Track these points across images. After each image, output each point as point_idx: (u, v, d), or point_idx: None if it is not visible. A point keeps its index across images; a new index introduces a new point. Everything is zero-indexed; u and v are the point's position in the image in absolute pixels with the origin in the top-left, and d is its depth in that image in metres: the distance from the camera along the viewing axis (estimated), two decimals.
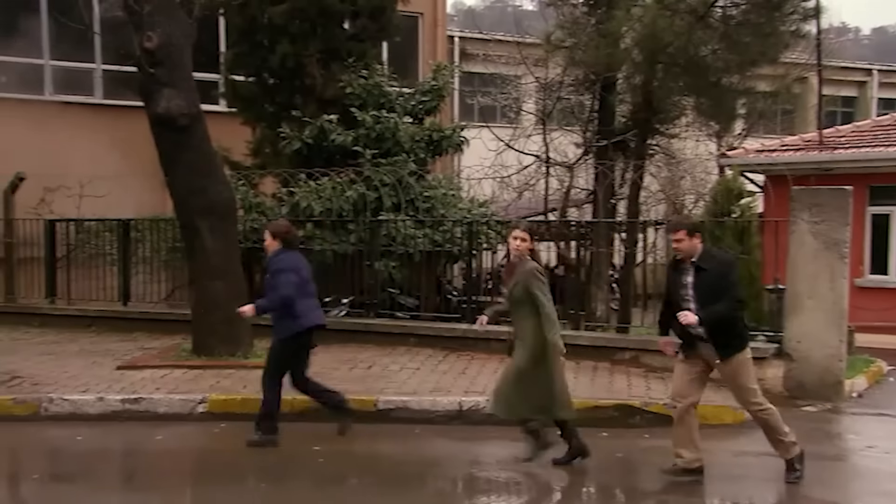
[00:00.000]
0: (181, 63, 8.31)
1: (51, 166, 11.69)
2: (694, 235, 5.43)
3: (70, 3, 13.04)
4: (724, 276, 5.36)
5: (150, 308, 11.16)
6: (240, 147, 12.01)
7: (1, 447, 6.78)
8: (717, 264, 5.43)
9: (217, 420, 7.16)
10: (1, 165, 10.12)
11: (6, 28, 12.51)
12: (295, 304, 6.32)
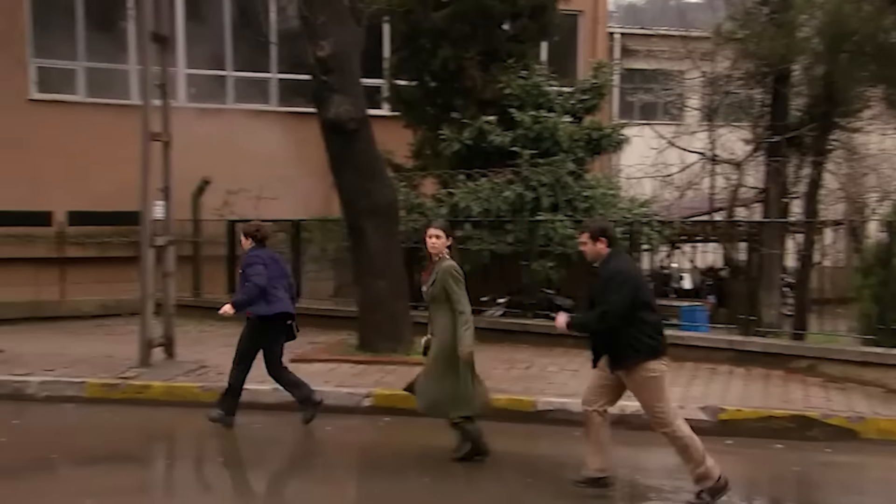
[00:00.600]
0: (350, 70, 8.69)
1: (232, 171, 12.57)
2: (598, 240, 5.25)
3: (250, 18, 14.02)
4: (606, 285, 5.11)
5: (319, 304, 11.72)
6: (402, 149, 12.38)
7: (190, 431, 7.37)
8: (607, 272, 5.18)
9: (381, 414, 7.42)
10: (189, 171, 10.96)
11: (196, 44, 13.58)
12: (268, 292, 6.75)
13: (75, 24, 13.34)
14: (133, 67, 13.55)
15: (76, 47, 13.42)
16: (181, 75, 13.34)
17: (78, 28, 13.36)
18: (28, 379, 8.13)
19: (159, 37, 8.53)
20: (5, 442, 6.74)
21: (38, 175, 13.02)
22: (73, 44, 13.40)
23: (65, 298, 12.63)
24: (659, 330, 5.21)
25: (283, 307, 6.90)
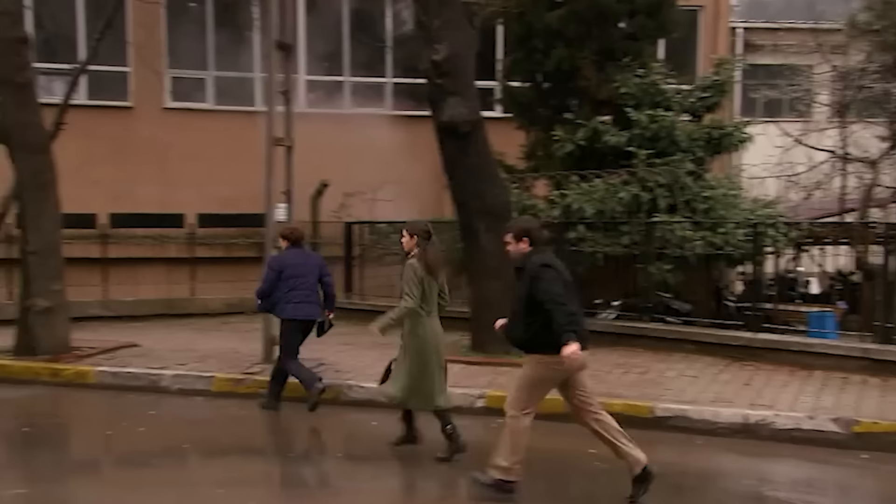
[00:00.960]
0: (465, 73, 8.76)
1: (349, 173, 12.91)
2: (521, 240, 5.34)
3: (366, 24, 14.38)
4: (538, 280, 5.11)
5: None
6: (514, 151, 12.36)
7: (311, 425, 7.61)
8: (533, 267, 5.19)
9: (494, 416, 7.40)
10: (309, 174, 11.33)
11: (316, 50, 14.06)
12: (270, 295, 7.53)
13: (206, 35, 14.06)
14: (257, 75, 14.18)
15: (206, 57, 14.14)
16: (301, 81, 13.80)
17: (208, 39, 14.08)
18: (162, 372, 8.63)
19: (283, 45, 8.87)
20: (143, 431, 7.17)
21: (171, 179, 13.82)
22: (203, 54, 14.13)
23: (194, 296, 13.32)
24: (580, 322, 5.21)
25: (291, 313, 7.50)
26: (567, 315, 4.99)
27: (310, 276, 7.60)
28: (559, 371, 5.17)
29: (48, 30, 13.11)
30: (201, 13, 14.05)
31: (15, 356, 9.19)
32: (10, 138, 9.09)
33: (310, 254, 8.02)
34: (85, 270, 12.51)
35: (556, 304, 5.03)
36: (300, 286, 7.49)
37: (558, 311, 5.01)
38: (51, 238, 9.33)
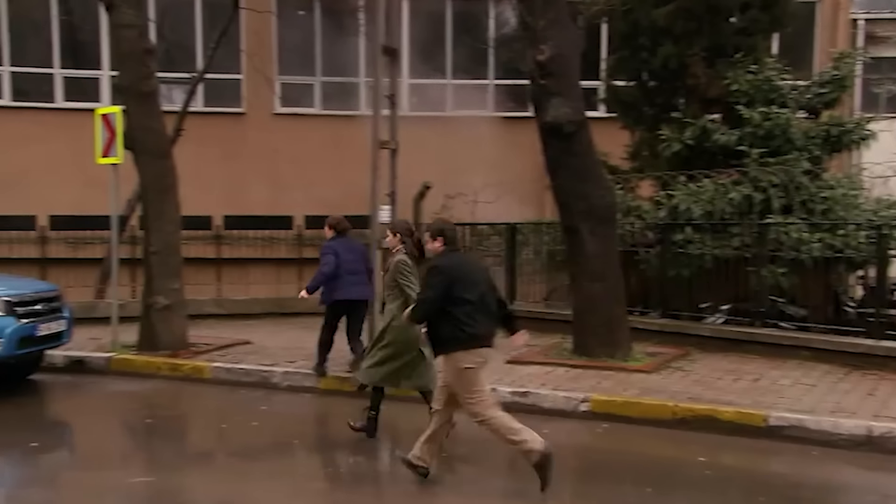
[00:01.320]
0: (569, 73, 8.66)
1: (450, 175, 13.01)
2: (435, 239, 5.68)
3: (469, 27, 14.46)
4: (426, 278, 5.57)
5: (532, 307, 11.79)
6: (618, 151, 12.15)
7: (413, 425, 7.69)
8: (429, 266, 5.58)
9: (599, 420, 7.32)
10: (412, 175, 11.48)
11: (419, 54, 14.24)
12: (336, 279, 8.13)
13: (314, 41, 14.49)
14: (362, 80, 14.49)
15: (314, 63, 14.56)
16: (405, 85, 14.01)
17: (316, 45, 14.50)
18: (273, 369, 8.92)
19: (389, 50, 9.01)
20: (256, 426, 7.44)
21: (280, 182, 14.31)
22: (311, 60, 14.56)
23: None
24: (473, 324, 5.39)
25: (344, 295, 8.28)
26: (417, 311, 5.55)
27: (357, 262, 8.37)
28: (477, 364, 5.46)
29: (168, 40, 13.80)
30: (309, 20, 14.47)
31: (138, 351, 9.71)
32: (135, 144, 9.62)
33: (356, 242, 8.70)
34: (201, 270, 13.12)
35: (418, 300, 5.61)
36: (350, 271, 8.27)
37: (416, 306, 5.59)
38: (171, 239, 9.82)
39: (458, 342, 5.42)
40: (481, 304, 5.48)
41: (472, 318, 5.40)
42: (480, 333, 5.45)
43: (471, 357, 5.43)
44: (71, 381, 9.18)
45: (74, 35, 14.50)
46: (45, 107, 13.97)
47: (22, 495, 5.66)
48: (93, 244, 13.42)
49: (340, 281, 8.22)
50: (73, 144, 13.29)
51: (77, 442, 7.53)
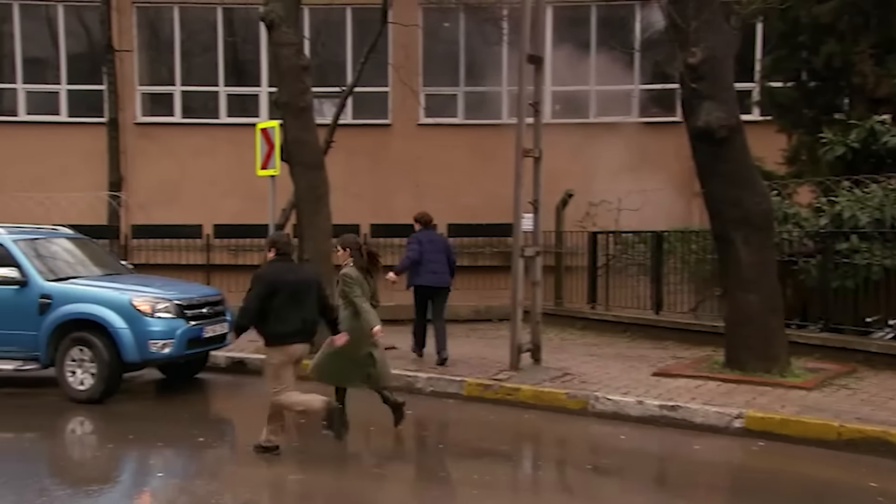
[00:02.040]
0: (722, 75, 8.33)
1: (593, 183, 12.82)
2: (270, 250, 6.60)
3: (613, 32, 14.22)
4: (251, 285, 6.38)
5: (679, 318, 11.40)
6: (773, 156, 11.57)
7: (557, 435, 7.64)
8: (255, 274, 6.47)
9: (754, 437, 6.96)
10: (553, 184, 11.43)
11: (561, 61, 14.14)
12: (418, 265, 9.29)
13: (458, 52, 14.72)
14: (505, 89, 14.57)
15: (457, 74, 14.79)
16: (548, 92, 13.95)
17: (460, 56, 14.73)
18: (418, 375, 9.10)
19: (534, 58, 9.01)
20: (401, 430, 7.60)
21: (424, 191, 14.61)
22: (454, 71, 14.80)
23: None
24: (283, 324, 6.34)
25: (424, 280, 9.43)
26: (240, 316, 6.38)
27: (439, 252, 9.46)
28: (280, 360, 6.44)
29: (321, 57, 14.45)
30: (454, 32, 14.72)
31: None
32: (291, 156, 10.13)
33: (438, 235, 9.84)
34: None
35: (242, 306, 6.38)
36: (430, 259, 9.39)
37: (240, 311, 6.39)
38: (323, 247, 10.25)
39: (271, 340, 6.41)
40: (297, 308, 6.42)
41: (286, 321, 6.36)
42: (290, 333, 6.41)
43: (278, 354, 6.44)
44: (232, 381, 9.75)
45: (237, 55, 15.48)
46: (211, 123, 14.98)
47: (190, 486, 6.06)
48: (251, 251, 14.24)
49: (422, 268, 9.39)
50: (235, 157, 14.18)
51: (238, 438, 7.97)
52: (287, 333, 6.40)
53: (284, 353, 6.43)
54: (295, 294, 6.43)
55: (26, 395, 9.10)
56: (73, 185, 14.03)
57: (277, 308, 6.33)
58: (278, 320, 6.34)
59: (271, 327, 6.37)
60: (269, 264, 6.56)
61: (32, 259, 8.73)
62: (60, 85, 14.96)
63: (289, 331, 6.40)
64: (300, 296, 6.46)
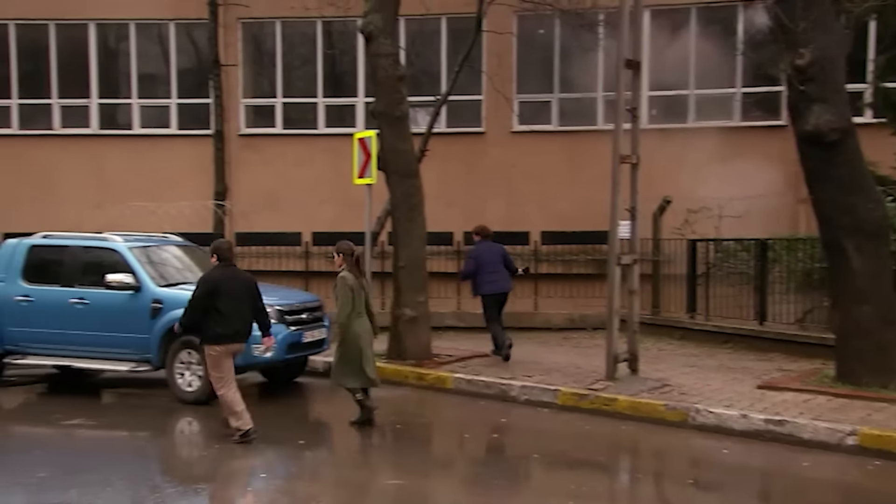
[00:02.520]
0: (833, 77, 7.97)
1: (692, 189, 12.48)
2: (212, 256, 7.39)
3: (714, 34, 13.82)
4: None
5: (785, 329, 10.94)
6: (888, 160, 10.98)
7: (655, 447, 7.46)
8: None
9: (869, 456, 6.60)
10: (651, 190, 11.17)
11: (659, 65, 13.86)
12: (475, 277, 10.24)
13: (552, 59, 14.63)
14: (600, 95, 14.38)
15: (551, 81, 14.70)
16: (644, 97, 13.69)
17: (554, 63, 14.63)
18: (511, 383, 9.06)
19: (632, 63, 8.86)
20: (496, 438, 7.62)
21: (517, 198, 14.57)
22: (549, 77, 14.72)
23: (537, 311, 13.83)
24: (223, 325, 7.13)
25: (487, 290, 10.22)
26: (183, 314, 7.29)
27: (498, 262, 10.26)
28: (218, 353, 7.17)
29: (415, 66, 14.63)
30: (548, 38, 14.64)
31: (387, 360, 10.33)
32: (387, 165, 10.29)
33: (496, 246, 10.44)
34: (442, 284, 13.68)
35: (186, 308, 7.26)
36: (491, 269, 10.18)
37: (184, 311, 7.28)
38: (418, 254, 10.37)
39: (211, 337, 7.17)
40: (235, 309, 7.20)
41: (225, 322, 7.13)
42: (228, 333, 7.16)
43: (216, 349, 7.16)
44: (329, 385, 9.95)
45: (335, 67, 15.86)
46: (310, 133, 15.39)
47: (290, 488, 6.23)
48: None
49: (483, 278, 10.19)
50: (332, 167, 14.52)
51: (336, 442, 8.16)
52: (225, 334, 7.18)
53: (223, 348, 7.22)
54: (234, 297, 7.24)
55: (138, 396, 9.57)
56: (181, 195, 14.68)
57: (218, 309, 7.14)
58: (218, 321, 7.14)
59: (211, 327, 7.16)
60: (213, 269, 7.41)
61: (145, 266, 9.18)
62: (171, 99, 15.70)
63: (228, 332, 7.19)
64: (239, 299, 7.28)
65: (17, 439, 7.91)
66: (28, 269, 9.45)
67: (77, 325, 9.09)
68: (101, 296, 9.04)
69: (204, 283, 7.27)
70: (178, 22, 15.51)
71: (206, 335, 7.24)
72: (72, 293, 9.17)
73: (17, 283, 9.40)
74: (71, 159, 15.45)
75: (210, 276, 7.34)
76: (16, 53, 15.71)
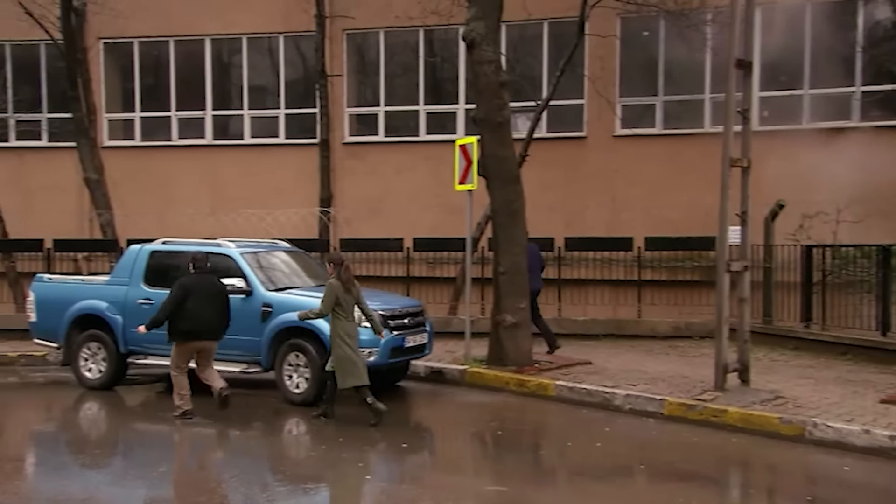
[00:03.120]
0: None
1: (807, 193, 11.93)
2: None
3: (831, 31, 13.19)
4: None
5: None
6: None
7: (768, 462, 7.15)
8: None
9: None
10: (762, 195, 10.75)
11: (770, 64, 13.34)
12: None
13: (657, 61, 14.31)
14: (707, 97, 13.97)
15: (656, 83, 14.38)
16: (755, 98, 13.20)
17: (659, 65, 14.31)
18: (615, 391, 8.89)
19: (743, 63, 8.56)
20: (599, 447, 7.48)
21: (619, 203, 14.33)
22: (653, 80, 14.40)
23: (641, 319, 13.52)
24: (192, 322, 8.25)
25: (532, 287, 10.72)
26: (157, 314, 8.34)
27: (536, 262, 11.02)
28: (183, 348, 8.37)
29: (515, 71, 14.61)
30: (653, 40, 14.34)
31: (487, 365, 10.34)
32: (488, 171, 10.32)
33: (534, 245, 10.91)
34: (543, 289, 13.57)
35: (160, 310, 8.32)
36: (534, 268, 10.85)
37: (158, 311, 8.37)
38: (518, 260, 10.33)
39: (175, 335, 8.30)
40: (204, 311, 8.25)
41: (192, 321, 8.21)
42: (193, 331, 8.28)
43: (183, 344, 8.33)
44: (431, 390, 10.05)
45: (436, 74, 16.04)
46: (411, 140, 15.61)
47: (395, 490, 6.31)
48: (447, 264, 14.63)
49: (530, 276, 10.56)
50: (433, 173, 14.68)
51: (438, 446, 8.22)
52: (190, 331, 8.28)
53: (187, 344, 8.35)
54: (205, 300, 8.29)
55: (249, 396, 9.93)
56: (288, 202, 15.16)
57: (188, 310, 8.19)
58: (186, 319, 8.21)
59: (179, 325, 8.23)
60: (188, 276, 8.44)
61: (256, 270, 9.52)
62: (279, 109, 16.25)
63: (192, 329, 8.28)
64: (209, 301, 8.32)
65: (139, 435, 8.35)
66: (149, 274, 9.95)
67: None
68: None
69: (179, 286, 8.31)
70: (286, 35, 16.05)
71: (176, 332, 8.32)
72: None
73: (140, 286, 9.92)
74: (187, 169, 16.24)
75: (184, 281, 8.38)
76: (139, 69, 16.64)
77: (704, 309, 13.09)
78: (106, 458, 7.42)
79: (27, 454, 7.78)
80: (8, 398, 10.18)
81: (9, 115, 16.65)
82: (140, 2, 15.82)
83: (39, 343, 10.55)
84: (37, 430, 8.73)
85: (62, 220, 15.69)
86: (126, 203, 15.15)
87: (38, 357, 11.61)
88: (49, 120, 16.86)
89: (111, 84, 16.77)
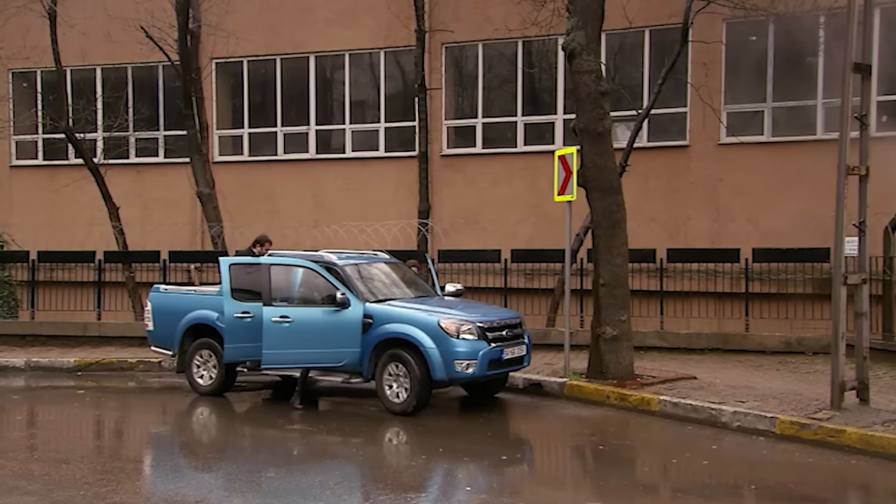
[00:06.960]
0: None
1: None
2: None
3: None
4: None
5: None
6: None
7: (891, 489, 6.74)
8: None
9: None
10: (881, 204, 10.16)
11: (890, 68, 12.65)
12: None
13: (765, 67, 13.81)
14: (819, 102, 13.37)
15: (764, 89, 13.87)
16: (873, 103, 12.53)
17: (767, 71, 13.80)
18: (722, 408, 8.58)
19: (861, 66, 8.16)
20: (706, 465, 7.24)
21: (723, 213, 13.87)
22: (761, 86, 13.90)
23: (749, 333, 13.01)
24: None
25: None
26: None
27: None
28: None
29: (615, 80, 14.39)
30: (761, 45, 13.85)
31: (587, 378, 10.18)
32: (587, 181, 10.19)
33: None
34: (643, 302, 13.29)
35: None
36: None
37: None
38: (619, 271, 10.14)
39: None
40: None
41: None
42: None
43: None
44: (529, 402, 9.98)
45: (533, 85, 15.99)
46: (508, 152, 15.60)
47: (495, 503, 6.27)
48: (545, 275, 14.51)
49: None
50: (529, 184, 14.62)
51: (537, 459, 8.14)
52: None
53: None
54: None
55: (351, 405, 10.12)
56: (387, 214, 15.41)
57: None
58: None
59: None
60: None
61: (357, 282, 9.71)
62: (380, 123, 16.58)
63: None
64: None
65: (247, 440, 8.65)
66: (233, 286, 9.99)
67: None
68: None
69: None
70: (387, 50, 16.37)
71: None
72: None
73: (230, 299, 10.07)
74: (291, 182, 16.77)
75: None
76: (247, 87, 17.34)
77: (817, 323, 12.48)
78: (217, 462, 7.70)
79: (145, 456, 8.18)
80: (128, 402, 10.73)
81: (129, 133, 17.65)
82: (250, 22, 16.50)
83: (156, 350, 11.11)
84: (154, 433, 9.16)
85: (176, 233, 16.48)
86: (234, 216, 15.76)
87: (155, 363, 12.21)
88: (165, 137, 17.77)
89: (222, 102, 17.53)
